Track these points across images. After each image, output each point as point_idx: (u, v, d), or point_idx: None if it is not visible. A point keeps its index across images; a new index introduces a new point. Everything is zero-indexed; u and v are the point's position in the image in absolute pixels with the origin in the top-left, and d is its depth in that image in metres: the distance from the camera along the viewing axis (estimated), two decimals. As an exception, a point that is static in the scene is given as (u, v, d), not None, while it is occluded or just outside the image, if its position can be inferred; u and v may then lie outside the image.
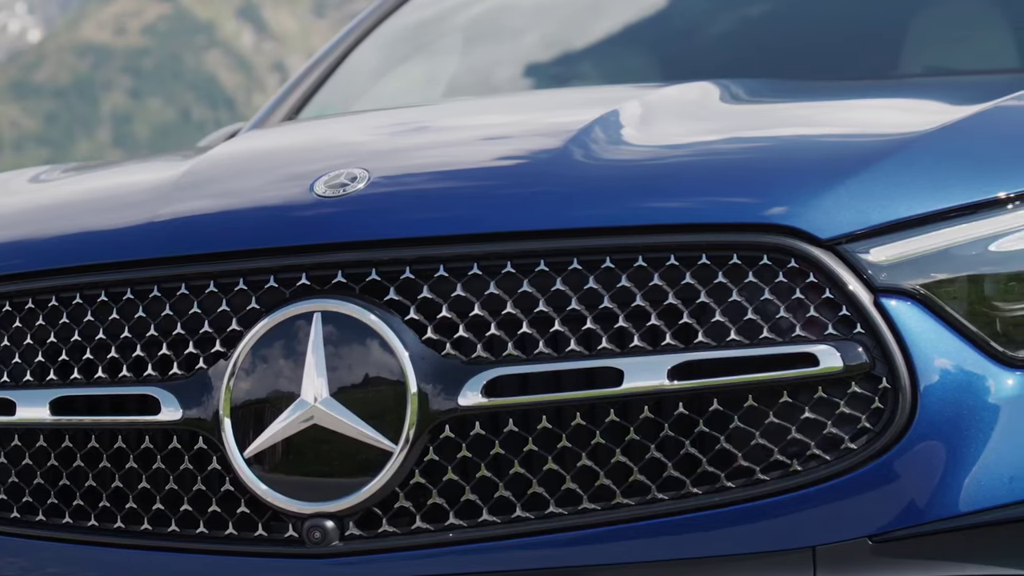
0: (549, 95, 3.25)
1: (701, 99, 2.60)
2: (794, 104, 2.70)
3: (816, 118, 2.51)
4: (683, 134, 2.33)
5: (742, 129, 2.39)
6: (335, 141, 2.61)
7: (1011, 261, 2.07)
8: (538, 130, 2.44)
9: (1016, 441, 2.00)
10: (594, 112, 2.34)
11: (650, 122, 2.34)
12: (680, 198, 2.08)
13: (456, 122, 2.71)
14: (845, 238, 2.04)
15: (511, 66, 4.02)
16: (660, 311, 2.01)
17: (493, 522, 2.02)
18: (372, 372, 2.04)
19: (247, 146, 2.65)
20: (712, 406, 2.00)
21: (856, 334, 2.00)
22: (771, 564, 2.00)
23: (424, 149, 2.37)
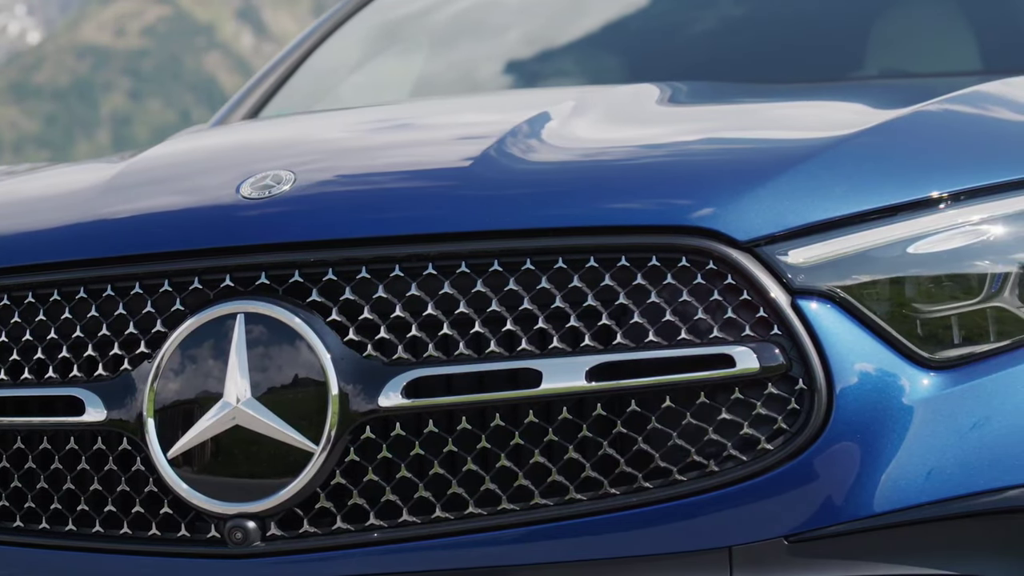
0: (486, 98, 3.27)
1: (633, 102, 2.62)
2: (725, 107, 2.72)
3: (743, 121, 2.52)
4: (607, 138, 2.35)
5: (667, 132, 2.41)
6: (269, 143, 2.63)
7: (929, 263, 2.09)
8: (464, 133, 2.46)
9: (931, 442, 2.02)
10: (524, 115, 2.35)
11: (576, 125, 2.36)
12: (600, 201, 2.09)
13: (389, 125, 2.73)
14: (764, 240, 2.05)
15: (474, 66, 4.03)
16: (579, 313, 2.03)
17: (413, 522, 2.03)
18: (294, 373, 2.05)
19: (182, 147, 2.67)
20: (630, 407, 2.01)
21: (773, 336, 2.02)
22: (688, 564, 2.01)
23: (353, 151, 2.38)
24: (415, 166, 2.25)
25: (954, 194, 2.13)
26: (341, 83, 4.11)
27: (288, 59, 4.13)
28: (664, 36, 3.92)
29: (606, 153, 2.26)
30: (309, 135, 2.67)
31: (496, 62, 4.00)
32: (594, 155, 2.25)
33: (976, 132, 2.33)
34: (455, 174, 2.17)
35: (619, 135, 2.37)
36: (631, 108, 2.57)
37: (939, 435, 2.02)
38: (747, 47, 3.78)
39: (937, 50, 3.77)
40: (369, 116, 2.94)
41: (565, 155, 2.24)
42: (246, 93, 4.06)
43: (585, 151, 2.27)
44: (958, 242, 2.10)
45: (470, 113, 2.78)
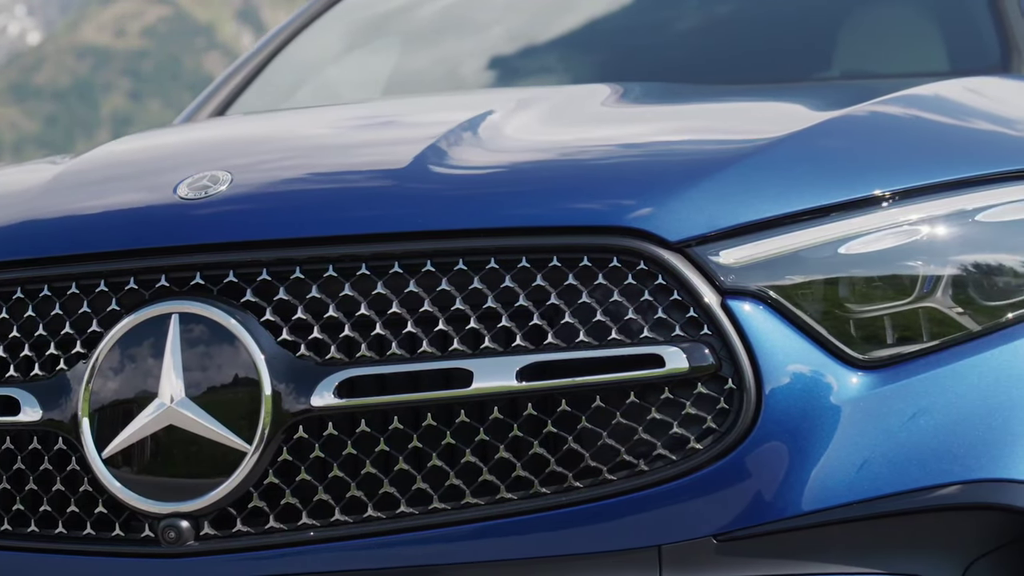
0: (431, 100, 3.27)
1: (574, 103, 2.63)
2: (665, 108, 2.73)
3: (681, 123, 2.53)
4: (542, 140, 2.36)
5: (602, 134, 2.41)
6: (213, 143, 2.64)
7: (861, 264, 2.10)
8: (402, 135, 2.47)
9: (860, 441, 2.03)
10: (462, 117, 2.36)
11: (513, 127, 2.37)
12: (532, 202, 2.10)
13: (331, 126, 2.74)
14: (695, 241, 2.06)
15: (445, 65, 4.04)
16: (511, 313, 2.04)
17: (345, 522, 2.04)
18: (228, 373, 2.06)
19: (127, 147, 2.68)
20: (561, 407, 2.02)
21: (703, 336, 2.03)
22: (618, 563, 2.02)
23: (292, 152, 2.39)
24: (350, 167, 2.26)
25: (887, 195, 2.14)
26: (310, 80, 4.12)
27: (258, 56, 4.14)
28: (632, 37, 3.92)
29: (539, 155, 2.27)
30: (254, 135, 2.68)
31: (466, 61, 4.01)
32: (527, 157, 2.26)
33: (909, 133, 2.34)
34: (389, 175, 2.18)
35: (554, 137, 2.38)
36: (570, 110, 2.58)
37: (868, 434, 2.03)
38: (715, 49, 3.79)
39: (905, 52, 3.78)
40: (315, 117, 2.95)
41: (499, 157, 2.25)
42: (215, 90, 4.07)
43: (519, 153, 2.27)
44: (890, 243, 2.11)
45: (412, 115, 2.79)
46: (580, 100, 2.66)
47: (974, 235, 2.15)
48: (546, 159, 2.25)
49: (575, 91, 2.73)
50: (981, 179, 2.21)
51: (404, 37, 4.22)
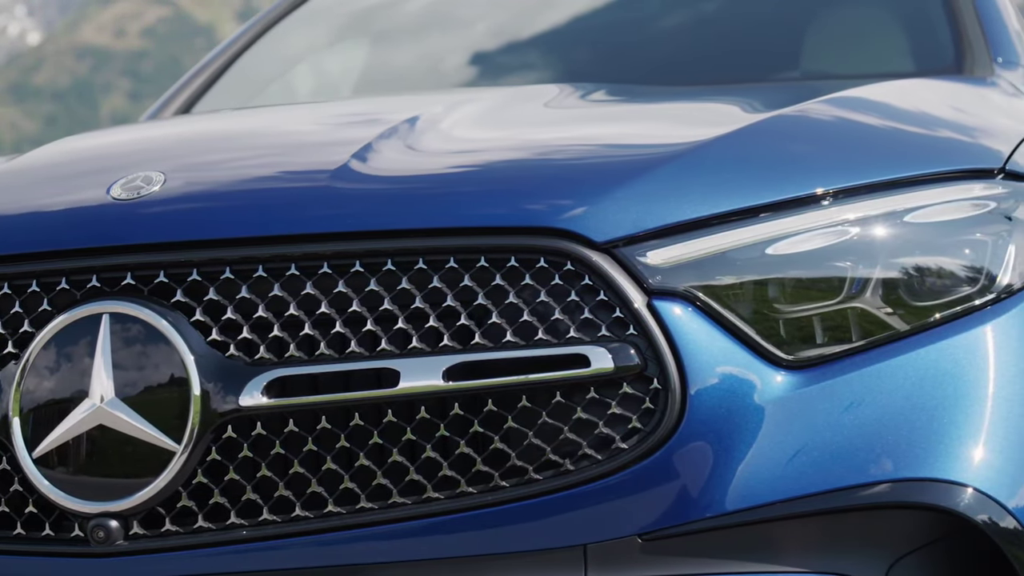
0: (375, 100, 3.28)
1: (510, 104, 2.64)
2: (601, 109, 2.74)
3: (614, 124, 2.54)
4: (475, 140, 2.37)
5: (534, 135, 2.42)
6: (152, 143, 2.65)
7: (787, 264, 2.11)
8: (338, 136, 2.48)
9: (785, 440, 2.04)
10: (397, 118, 2.38)
11: (447, 129, 2.38)
12: (460, 202, 2.11)
13: (272, 126, 2.75)
14: (622, 241, 2.07)
15: (406, 66, 4.05)
16: (439, 313, 2.05)
17: (274, 521, 2.05)
18: (158, 373, 2.07)
19: (69, 147, 2.69)
20: (487, 406, 2.03)
21: (629, 336, 2.03)
22: (543, 562, 2.03)
23: (227, 153, 2.40)
24: (282, 168, 2.27)
25: (816, 196, 2.16)
26: (274, 79, 4.13)
27: (225, 54, 4.15)
28: (598, 38, 3.94)
29: (469, 157, 2.29)
30: (195, 135, 2.69)
31: (431, 61, 4.02)
32: (457, 159, 2.27)
33: (841, 135, 2.35)
34: (320, 177, 2.19)
35: (485, 139, 2.39)
36: (506, 112, 2.59)
37: (793, 434, 2.04)
38: (681, 50, 3.80)
39: (867, 53, 3.79)
40: (258, 118, 2.96)
41: (429, 159, 2.26)
42: (180, 88, 4.08)
43: (448, 155, 2.29)
44: (819, 243, 2.12)
45: (353, 116, 2.81)
46: (519, 102, 2.68)
47: (904, 236, 2.16)
48: (475, 161, 2.26)
49: (517, 92, 2.75)
50: (912, 180, 2.22)
51: (370, 37, 4.23)
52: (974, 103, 2.78)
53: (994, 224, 2.22)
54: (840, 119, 2.42)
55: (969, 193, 2.24)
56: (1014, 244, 2.21)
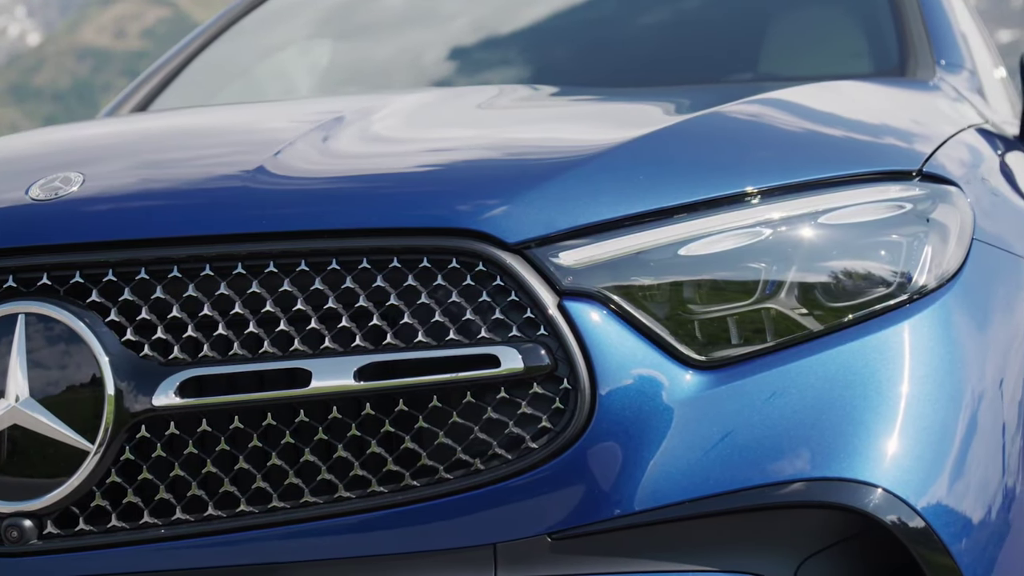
0: (307, 101, 3.29)
1: (440, 106, 2.66)
2: (524, 111, 2.74)
3: (533, 126, 2.55)
4: (394, 141, 2.38)
5: (452, 136, 2.43)
6: (77, 144, 2.67)
7: (699, 265, 2.12)
8: (260, 137, 2.48)
9: (695, 440, 2.05)
10: (321, 119, 2.39)
11: (367, 129, 2.40)
12: (374, 203, 2.13)
13: (197, 127, 2.76)
14: (534, 242, 2.08)
15: (364, 65, 4.07)
16: (351, 313, 2.06)
17: (187, 520, 2.06)
18: (72, 373, 2.08)
19: None
20: (398, 406, 2.04)
21: (540, 336, 2.05)
22: (453, 561, 2.04)
23: (148, 154, 2.41)
24: (200, 169, 2.29)
25: (730, 197, 2.17)
26: (229, 78, 4.14)
27: (180, 55, 4.16)
28: (552, 40, 3.95)
29: (385, 157, 2.30)
30: (121, 136, 2.71)
31: (388, 61, 4.04)
32: (373, 159, 2.28)
33: (759, 136, 2.36)
34: (236, 178, 2.20)
35: (405, 139, 2.40)
36: (432, 112, 2.61)
37: (703, 433, 2.05)
38: (634, 52, 3.82)
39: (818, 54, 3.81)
40: (188, 118, 2.98)
41: (344, 160, 2.27)
42: (137, 86, 4.09)
43: (366, 156, 2.30)
44: (732, 244, 2.13)
45: (279, 117, 2.82)
46: (449, 103, 2.69)
47: (819, 237, 2.17)
48: (390, 162, 2.27)
49: (452, 93, 2.76)
50: (828, 181, 2.23)
51: (331, 35, 4.24)
52: (903, 105, 2.80)
53: (910, 225, 2.23)
54: (760, 121, 2.43)
55: (885, 195, 2.25)
56: (930, 245, 2.22)
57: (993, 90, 3.71)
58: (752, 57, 3.80)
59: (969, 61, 3.42)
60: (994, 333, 2.25)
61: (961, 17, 3.76)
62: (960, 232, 2.27)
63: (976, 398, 2.17)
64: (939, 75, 3.23)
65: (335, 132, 2.35)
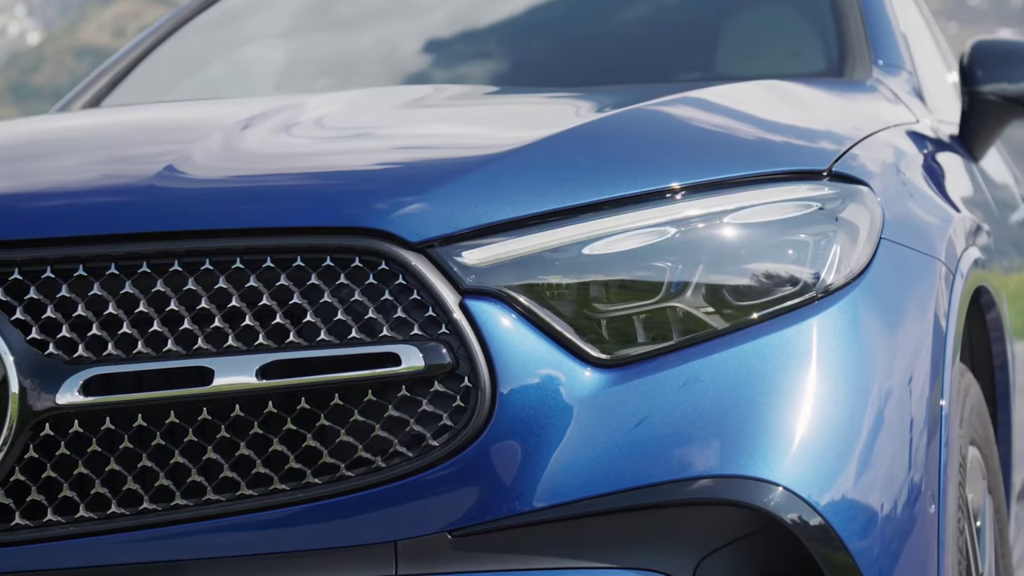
0: (229, 102, 3.30)
1: (359, 106, 2.67)
2: (447, 111, 2.75)
3: (444, 126, 2.56)
4: (304, 141, 2.40)
5: (363, 135, 2.45)
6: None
7: (603, 264, 2.13)
8: (170, 136, 2.50)
9: (596, 438, 2.06)
10: (233, 119, 2.40)
11: (278, 128, 2.41)
12: (278, 203, 2.14)
13: (112, 126, 2.78)
14: (437, 241, 2.09)
15: (314, 64, 4.08)
16: (255, 312, 2.07)
17: (90, 518, 2.07)
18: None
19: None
20: (300, 404, 2.05)
21: (441, 335, 2.06)
22: (355, 559, 2.05)
23: (56, 153, 2.43)
24: (109, 168, 2.30)
25: (636, 196, 2.17)
26: (180, 76, 4.14)
27: (133, 52, 4.16)
28: (500, 40, 3.96)
29: (292, 157, 2.31)
30: (37, 135, 2.72)
31: (333, 63, 4.05)
32: (280, 159, 2.30)
33: (669, 135, 2.36)
34: (143, 176, 2.21)
35: (315, 139, 2.42)
36: (349, 112, 2.62)
37: (604, 431, 2.06)
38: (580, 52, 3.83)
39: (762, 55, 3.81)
40: (108, 117, 2.99)
41: (253, 159, 2.28)
42: (91, 82, 4.10)
43: (274, 155, 2.31)
44: (636, 243, 2.14)
45: (194, 116, 2.83)
46: (369, 103, 2.70)
47: (725, 236, 2.18)
48: (296, 162, 2.29)
49: (375, 93, 2.77)
50: (737, 181, 2.24)
51: (284, 35, 4.25)
52: (826, 105, 2.80)
53: (819, 224, 2.24)
54: (673, 120, 2.44)
55: (794, 194, 2.25)
56: (838, 244, 2.23)
57: (939, 91, 3.72)
58: (701, 57, 3.81)
59: (909, 62, 3.42)
60: (903, 331, 2.26)
61: (905, 19, 3.77)
62: (869, 231, 2.28)
63: (883, 395, 2.18)
64: (875, 75, 3.24)
65: (246, 132, 2.37)
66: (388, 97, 2.80)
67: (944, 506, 2.23)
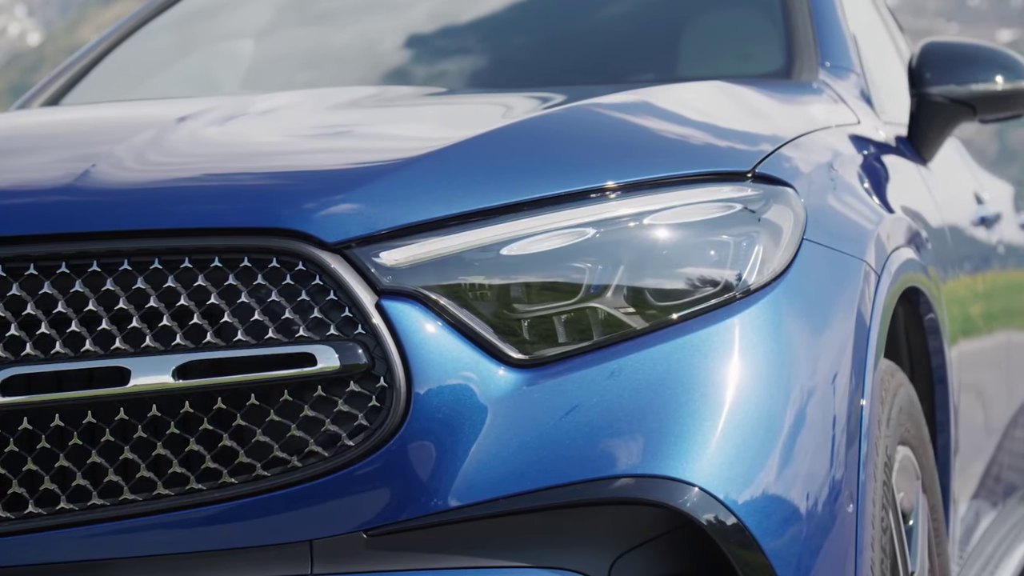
0: (163, 103, 3.30)
1: (287, 107, 2.68)
2: (378, 113, 2.76)
3: (367, 127, 2.56)
4: (226, 142, 2.40)
5: (287, 136, 2.45)
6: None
7: (522, 265, 2.14)
8: (96, 137, 2.51)
9: (511, 438, 2.07)
10: (160, 120, 2.41)
11: (201, 130, 2.42)
12: (196, 204, 2.15)
13: (40, 126, 2.79)
14: (355, 242, 2.10)
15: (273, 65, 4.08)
16: (173, 312, 2.08)
17: (7, 518, 2.08)
18: None
19: None
20: (217, 404, 2.06)
21: (357, 335, 2.07)
22: (271, 558, 2.07)
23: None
24: (32, 168, 2.31)
25: (556, 197, 2.18)
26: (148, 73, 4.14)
27: (94, 51, 4.16)
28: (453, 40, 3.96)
29: (214, 158, 2.32)
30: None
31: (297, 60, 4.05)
32: (201, 159, 2.30)
33: (594, 137, 2.37)
34: (63, 177, 2.22)
35: (238, 140, 2.42)
36: (276, 113, 2.63)
37: (520, 431, 2.07)
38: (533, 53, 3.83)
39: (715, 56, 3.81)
40: (38, 117, 3.00)
41: (175, 160, 2.29)
42: (53, 78, 4.09)
43: (195, 155, 2.32)
44: (556, 244, 2.15)
45: (125, 117, 2.84)
46: (298, 105, 2.71)
47: (646, 236, 2.19)
48: (217, 163, 2.30)
49: (308, 95, 2.78)
50: (660, 182, 2.25)
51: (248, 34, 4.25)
52: (760, 107, 2.81)
53: (741, 225, 2.24)
54: (599, 122, 2.45)
55: (717, 195, 2.26)
56: (761, 245, 2.23)
57: (894, 93, 3.72)
58: (658, 59, 3.79)
59: (857, 64, 3.42)
60: (825, 331, 2.27)
61: (860, 21, 3.78)
62: (792, 232, 2.29)
63: (804, 394, 2.19)
64: (822, 77, 3.24)
65: (172, 132, 2.38)
66: (328, 98, 2.80)
67: (862, 505, 2.23)
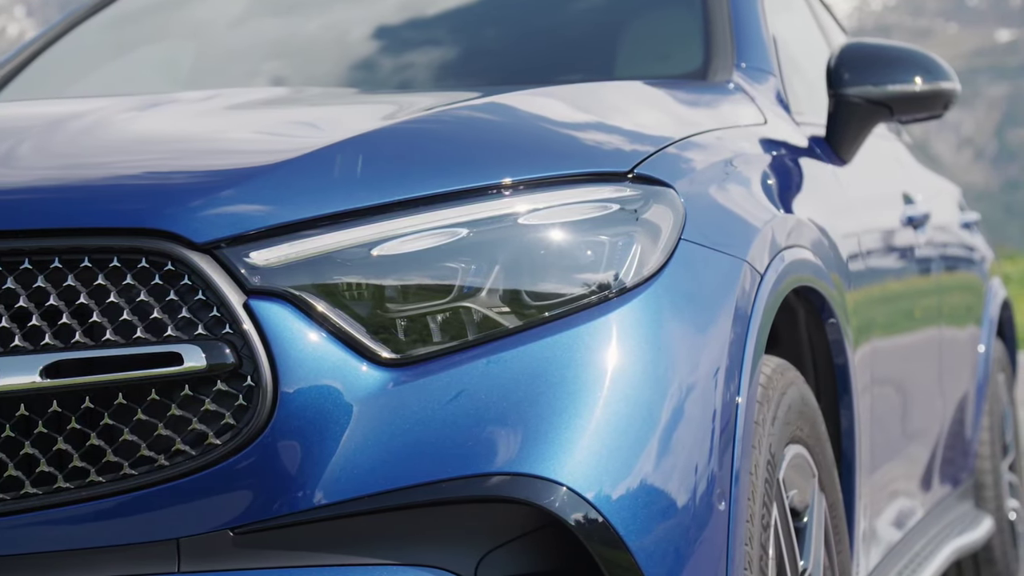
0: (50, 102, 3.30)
1: (178, 104, 2.69)
2: (264, 113, 2.76)
3: (248, 128, 2.56)
4: (103, 142, 2.40)
5: (165, 136, 2.46)
6: None
7: (392, 265, 2.15)
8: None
9: (379, 436, 2.08)
10: (45, 119, 2.42)
11: (80, 130, 2.43)
12: (67, 203, 2.16)
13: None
14: (224, 242, 2.11)
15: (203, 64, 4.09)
16: (42, 312, 2.09)
17: None
18: None
19: None
20: (84, 403, 2.07)
21: (225, 335, 2.08)
22: (138, 556, 2.08)
23: None
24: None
25: (429, 197, 2.19)
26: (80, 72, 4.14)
27: (34, 45, 4.17)
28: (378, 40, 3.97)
29: (86, 157, 2.32)
30: None
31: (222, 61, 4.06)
32: (74, 159, 2.31)
33: (472, 137, 2.37)
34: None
35: (116, 139, 2.42)
36: (163, 112, 2.64)
37: (389, 430, 2.08)
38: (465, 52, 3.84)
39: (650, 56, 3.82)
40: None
41: (47, 159, 2.30)
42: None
43: (68, 155, 2.32)
44: (427, 244, 2.16)
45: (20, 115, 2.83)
46: (188, 104, 2.72)
47: (520, 236, 2.19)
48: (90, 163, 2.30)
49: (208, 94, 2.79)
50: (538, 182, 2.26)
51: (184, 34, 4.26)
52: (656, 106, 2.82)
53: (619, 225, 2.25)
54: (479, 122, 2.46)
55: (596, 195, 2.27)
56: (639, 244, 2.24)
57: (821, 94, 3.72)
58: (585, 59, 3.79)
59: (775, 66, 3.43)
60: (702, 330, 2.27)
61: (787, 23, 3.79)
62: (670, 232, 2.30)
63: (677, 393, 2.20)
64: (735, 78, 3.25)
65: (53, 132, 2.39)
66: (228, 98, 2.81)
67: (736, 502, 2.24)
